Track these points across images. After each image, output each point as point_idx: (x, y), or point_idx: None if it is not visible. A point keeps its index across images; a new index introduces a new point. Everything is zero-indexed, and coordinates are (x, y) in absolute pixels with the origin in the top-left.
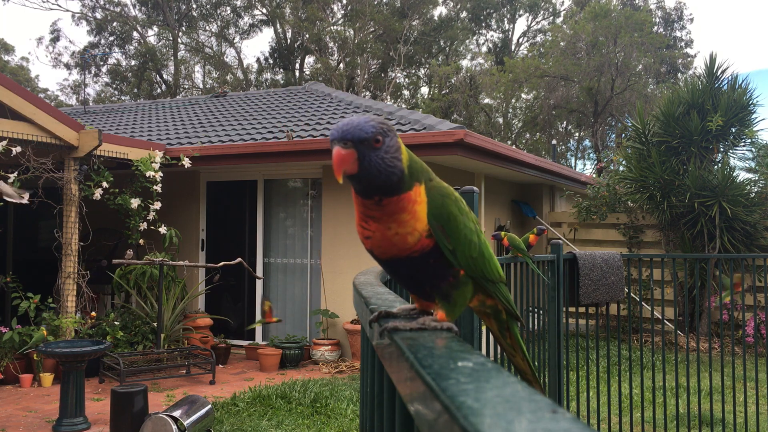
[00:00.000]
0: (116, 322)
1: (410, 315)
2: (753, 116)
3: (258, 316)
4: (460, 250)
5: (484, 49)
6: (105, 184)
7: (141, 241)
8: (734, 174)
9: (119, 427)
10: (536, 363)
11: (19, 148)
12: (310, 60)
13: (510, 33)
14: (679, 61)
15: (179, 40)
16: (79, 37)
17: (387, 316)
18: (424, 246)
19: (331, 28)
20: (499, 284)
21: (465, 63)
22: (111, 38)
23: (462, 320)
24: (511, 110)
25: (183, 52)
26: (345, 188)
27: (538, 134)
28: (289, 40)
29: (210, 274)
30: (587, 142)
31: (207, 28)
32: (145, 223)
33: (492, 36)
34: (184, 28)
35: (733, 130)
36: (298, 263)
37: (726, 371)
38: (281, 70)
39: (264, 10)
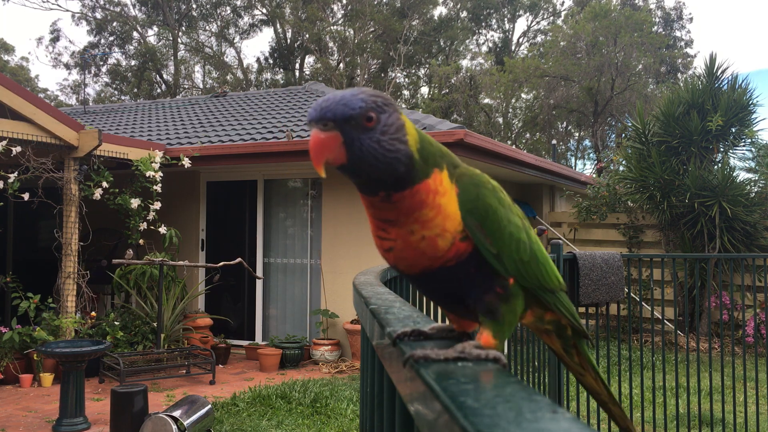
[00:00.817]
0: (116, 322)
1: (447, 336)
2: (753, 116)
3: (258, 317)
4: (507, 254)
5: (484, 49)
6: (105, 184)
7: (141, 241)
8: (734, 174)
9: (119, 427)
10: (536, 363)
11: (19, 148)
12: (310, 60)
13: (510, 33)
14: (679, 61)
15: (179, 40)
16: (79, 37)
17: (419, 336)
18: (460, 251)
19: (331, 28)
20: (558, 293)
21: (465, 63)
22: (111, 38)
23: None
24: (511, 110)
25: (183, 52)
26: (346, 188)
27: (538, 134)
28: (289, 40)
29: (210, 274)
30: (587, 142)
31: (207, 28)
32: (145, 223)
33: (492, 36)
34: (184, 28)
35: (733, 130)
36: (298, 263)
37: (726, 371)
38: (281, 70)
39: (264, 10)
